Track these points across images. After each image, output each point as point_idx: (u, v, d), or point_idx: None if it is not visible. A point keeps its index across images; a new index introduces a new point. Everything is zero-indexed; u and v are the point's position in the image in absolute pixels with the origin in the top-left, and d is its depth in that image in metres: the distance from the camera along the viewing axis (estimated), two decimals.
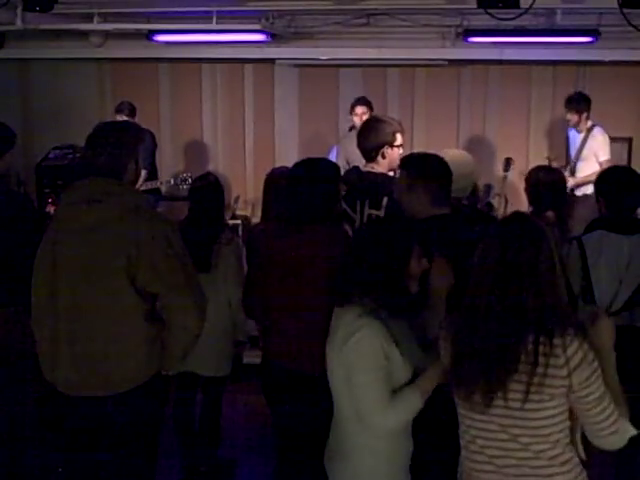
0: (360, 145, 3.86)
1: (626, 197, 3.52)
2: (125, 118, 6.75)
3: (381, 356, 2.40)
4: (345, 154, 6.29)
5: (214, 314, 3.80)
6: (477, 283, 2.13)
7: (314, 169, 3.15)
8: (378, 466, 2.51)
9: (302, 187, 3.07)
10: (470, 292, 2.14)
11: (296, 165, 3.24)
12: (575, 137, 6.65)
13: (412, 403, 2.42)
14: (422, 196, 3.04)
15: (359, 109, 6.49)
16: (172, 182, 6.92)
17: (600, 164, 6.35)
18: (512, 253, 2.08)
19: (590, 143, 6.48)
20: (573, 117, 6.50)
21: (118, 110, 6.94)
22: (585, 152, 6.50)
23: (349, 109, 6.61)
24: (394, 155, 3.81)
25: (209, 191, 3.99)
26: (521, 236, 2.11)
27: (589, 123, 6.53)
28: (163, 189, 6.95)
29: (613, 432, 2.12)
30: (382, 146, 3.76)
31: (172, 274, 2.79)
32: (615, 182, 3.56)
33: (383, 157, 3.78)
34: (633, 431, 2.16)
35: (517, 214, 2.31)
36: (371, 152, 3.78)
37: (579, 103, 6.48)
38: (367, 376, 2.40)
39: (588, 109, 6.48)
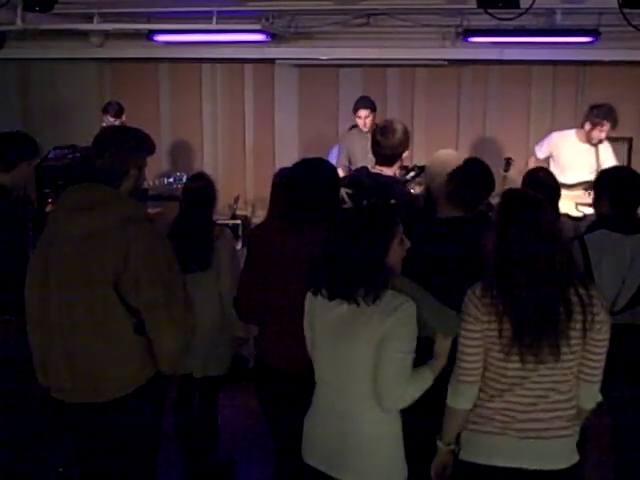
0: (383, 150, 3.86)
1: (630, 196, 3.52)
2: (111, 119, 6.72)
3: (416, 331, 2.50)
4: (347, 152, 6.29)
5: (208, 312, 3.82)
6: (511, 259, 2.40)
7: (313, 169, 3.16)
8: (390, 454, 2.56)
9: (301, 186, 3.08)
10: (507, 268, 2.41)
11: (295, 165, 3.25)
12: (579, 148, 5.95)
13: (426, 381, 2.53)
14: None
15: (362, 112, 6.45)
16: (165, 182, 6.89)
17: None
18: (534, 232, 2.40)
19: (603, 154, 5.94)
20: (606, 134, 5.83)
21: (105, 110, 6.90)
22: (600, 164, 5.78)
23: (352, 108, 6.59)
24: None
25: (204, 192, 4.01)
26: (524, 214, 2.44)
27: None
28: (151, 185, 6.89)
29: (599, 381, 2.50)
30: (403, 153, 3.85)
31: (152, 291, 2.74)
32: (620, 181, 3.56)
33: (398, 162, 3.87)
34: (600, 396, 2.55)
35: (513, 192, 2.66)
36: (397, 158, 3.84)
37: (614, 118, 5.82)
38: (406, 345, 2.47)
39: None
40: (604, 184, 3.62)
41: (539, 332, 2.38)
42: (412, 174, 5.89)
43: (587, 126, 5.89)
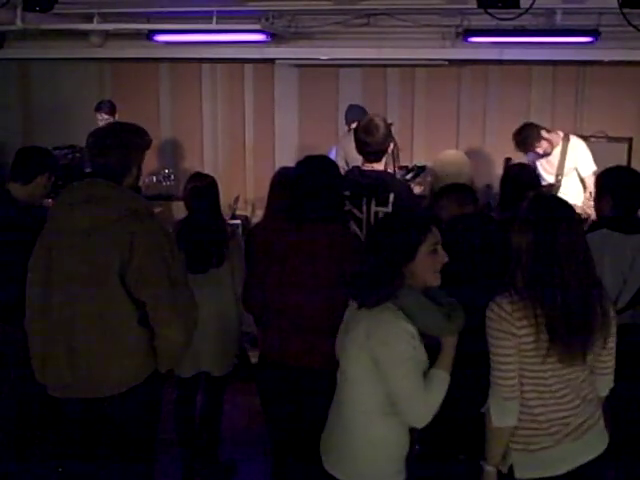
0: (371, 147, 3.85)
1: (630, 196, 3.52)
2: (105, 116, 6.72)
3: (410, 345, 2.44)
4: (344, 154, 6.27)
5: (221, 311, 3.84)
6: (553, 262, 2.39)
7: (317, 167, 3.18)
8: (386, 458, 2.56)
9: (307, 184, 3.09)
10: (546, 271, 2.39)
11: (299, 163, 3.26)
12: (543, 164, 5.89)
13: (443, 383, 2.49)
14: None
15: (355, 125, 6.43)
16: (154, 180, 6.89)
17: (585, 179, 5.67)
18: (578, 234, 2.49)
19: (572, 155, 5.77)
20: (542, 145, 5.67)
21: (98, 108, 6.87)
22: (567, 166, 5.77)
23: (345, 119, 6.56)
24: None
25: (210, 190, 4.04)
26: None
27: (560, 133, 5.88)
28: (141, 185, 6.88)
29: (613, 371, 2.60)
30: (388, 147, 3.83)
31: (157, 284, 2.76)
32: (621, 181, 3.56)
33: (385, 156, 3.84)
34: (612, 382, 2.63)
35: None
36: (383, 153, 3.82)
37: (534, 131, 5.71)
38: (403, 366, 2.43)
39: (541, 127, 5.76)
40: (605, 184, 3.62)
41: (579, 331, 2.40)
42: (412, 174, 5.91)
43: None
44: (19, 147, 4.09)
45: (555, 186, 5.79)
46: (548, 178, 5.87)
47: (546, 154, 5.79)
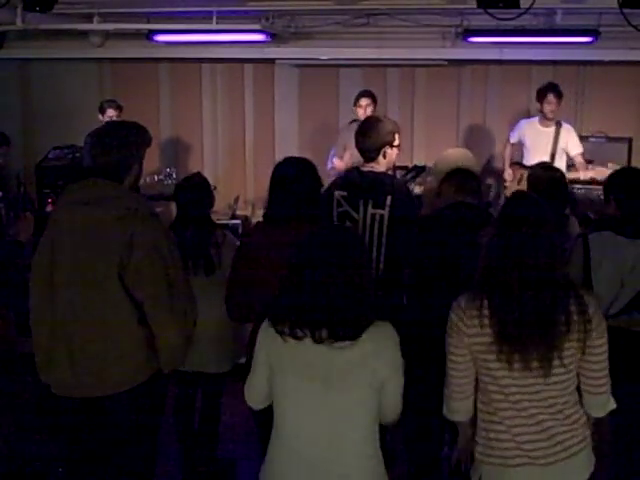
0: (360, 145, 3.85)
1: (636, 199, 3.47)
2: (113, 112, 6.70)
3: None
4: (344, 147, 6.27)
5: (217, 315, 3.80)
6: (506, 263, 2.32)
7: (295, 167, 3.20)
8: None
9: (283, 186, 3.11)
10: (498, 271, 2.33)
11: (278, 164, 3.28)
12: (539, 132, 6.35)
13: None
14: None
15: (364, 101, 6.45)
16: (156, 179, 6.89)
17: (574, 157, 6.29)
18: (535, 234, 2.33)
19: (564, 138, 6.28)
20: (552, 105, 6.20)
21: (103, 108, 6.78)
22: (559, 147, 6.30)
23: (353, 102, 6.58)
24: (393, 155, 3.85)
25: (196, 192, 3.92)
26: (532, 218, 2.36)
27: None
28: (142, 184, 6.87)
29: (606, 391, 2.44)
30: (383, 146, 3.79)
31: (155, 284, 2.76)
32: (627, 183, 3.53)
33: (384, 157, 3.80)
34: (613, 404, 2.49)
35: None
36: (372, 152, 3.80)
37: (557, 89, 6.22)
38: (402, 377, 2.38)
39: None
40: (611, 185, 3.58)
41: (535, 337, 2.30)
42: (412, 174, 5.91)
43: (538, 105, 6.39)
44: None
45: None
46: (543, 156, 6.17)
47: (546, 117, 6.32)
